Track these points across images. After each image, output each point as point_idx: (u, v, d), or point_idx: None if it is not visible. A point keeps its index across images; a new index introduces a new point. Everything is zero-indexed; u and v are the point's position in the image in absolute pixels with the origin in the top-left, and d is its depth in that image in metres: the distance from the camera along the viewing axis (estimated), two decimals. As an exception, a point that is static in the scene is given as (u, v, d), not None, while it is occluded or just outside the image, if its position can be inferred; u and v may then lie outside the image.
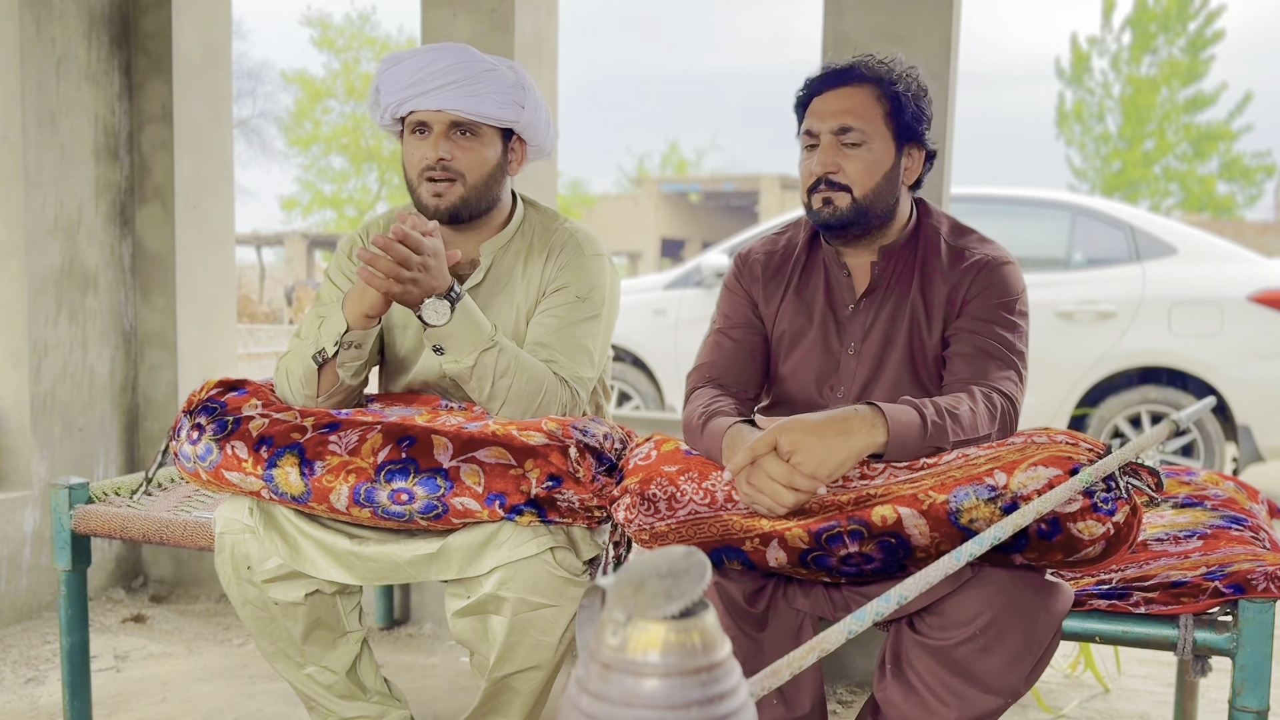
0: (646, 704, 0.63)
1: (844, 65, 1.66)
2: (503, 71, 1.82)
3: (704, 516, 1.49)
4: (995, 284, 1.63)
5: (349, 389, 1.82)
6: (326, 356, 1.75)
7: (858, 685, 2.48)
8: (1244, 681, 1.47)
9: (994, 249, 1.68)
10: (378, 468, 1.61)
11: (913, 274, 1.67)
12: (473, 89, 1.77)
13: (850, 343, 1.69)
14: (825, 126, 1.63)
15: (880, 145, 1.63)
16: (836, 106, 1.63)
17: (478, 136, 1.81)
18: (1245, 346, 4.58)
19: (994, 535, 1.17)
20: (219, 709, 2.34)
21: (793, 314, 1.73)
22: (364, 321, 1.74)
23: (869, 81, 1.63)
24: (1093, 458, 1.37)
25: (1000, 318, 1.62)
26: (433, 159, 1.79)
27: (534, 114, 1.85)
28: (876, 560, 1.41)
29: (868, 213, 1.63)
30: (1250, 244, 11.66)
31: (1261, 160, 19.97)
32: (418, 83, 1.77)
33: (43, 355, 2.89)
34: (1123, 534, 1.37)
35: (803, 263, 1.75)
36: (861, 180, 1.62)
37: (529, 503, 1.60)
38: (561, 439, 1.65)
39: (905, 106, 1.63)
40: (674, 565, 0.66)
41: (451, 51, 1.80)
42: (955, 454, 1.44)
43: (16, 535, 2.84)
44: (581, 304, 1.87)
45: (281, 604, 1.75)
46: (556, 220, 1.96)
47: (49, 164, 2.88)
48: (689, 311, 5.51)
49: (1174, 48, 19.59)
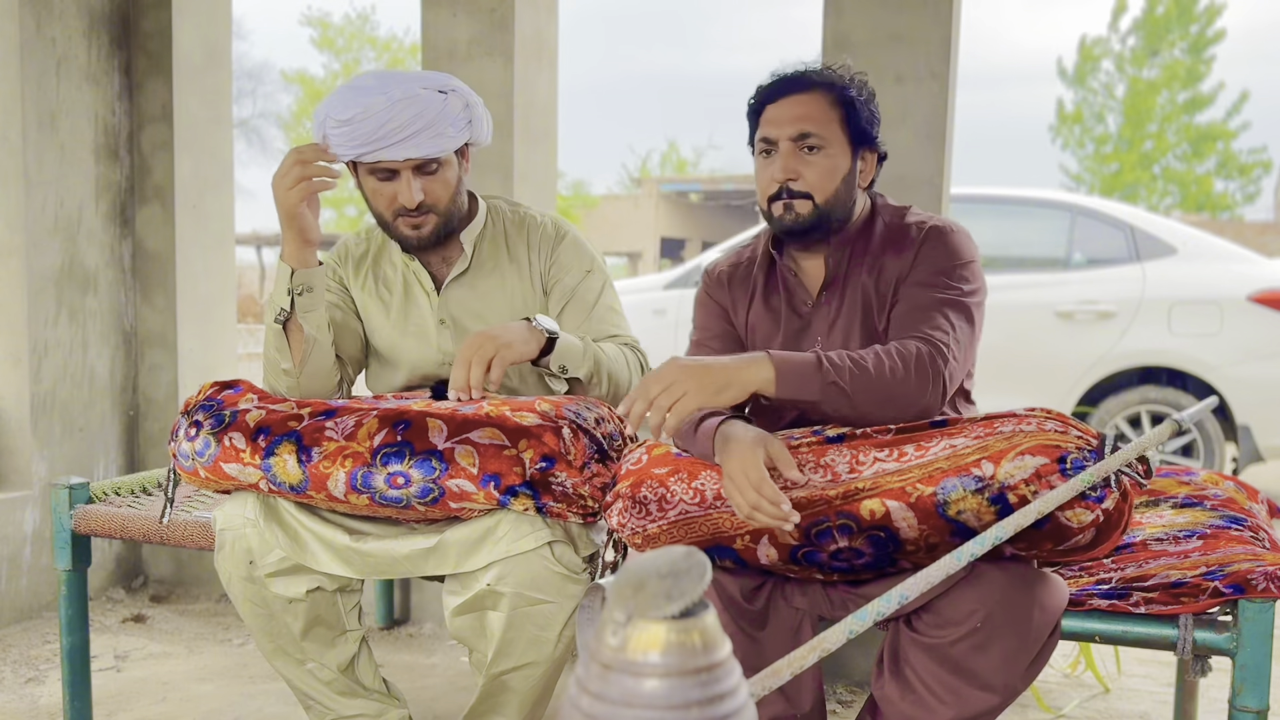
0: (647, 704, 0.63)
1: (797, 73, 1.67)
2: (451, 100, 1.83)
3: (694, 516, 1.50)
4: (939, 249, 1.64)
5: (323, 350, 1.88)
6: (287, 312, 1.83)
7: (857, 685, 2.48)
8: (1244, 681, 1.47)
9: (940, 220, 1.69)
10: (374, 451, 1.62)
11: (863, 262, 1.69)
12: (434, 131, 1.80)
13: (816, 337, 1.70)
14: (784, 133, 1.64)
15: (838, 150, 1.64)
16: (794, 113, 1.64)
17: (442, 164, 1.86)
18: (1245, 346, 4.58)
19: (995, 535, 1.17)
20: (219, 709, 2.34)
21: (760, 320, 1.76)
22: (303, 253, 1.82)
23: (822, 88, 1.64)
24: (1081, 444, 1.37)
25: (941, 281, 1.61)
26: (411, 203, 1.84)
27: (480, 123, 1.91)
28: (867, 555, 1.42)
29: (828, 217, 1.65)
30: (1250, 244, 11.64)
31: (1258, 156, 19.99)
32: (381, 138, 1.77)
33: (43, 355, 2.89)
34: (1113, 520, 1.38)
35: (765, 270, 1.77)
36: (822, 186, 1.63)
37: (524, 484, 1.60)
38: (555, 420, 1.65)
39: (860, 111, 1.64)
40: (674, 565, 0.67)
41: (408, 102, 1.77)
42: (942, 444, 1.44)
43: (16, 535, 2.84)
44: (591, 276, 1.99)
45: (282, 600, 1.76)
46: (520, 207, 2.06)
47: (49, 164, 2.88)
48: (689, 311, 5.50)
49: (1176, 50, 19.62)
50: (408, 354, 1.99)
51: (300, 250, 1.83)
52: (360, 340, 2.03)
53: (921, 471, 1.40)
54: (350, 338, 2.00)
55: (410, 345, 1.98)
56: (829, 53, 2.48)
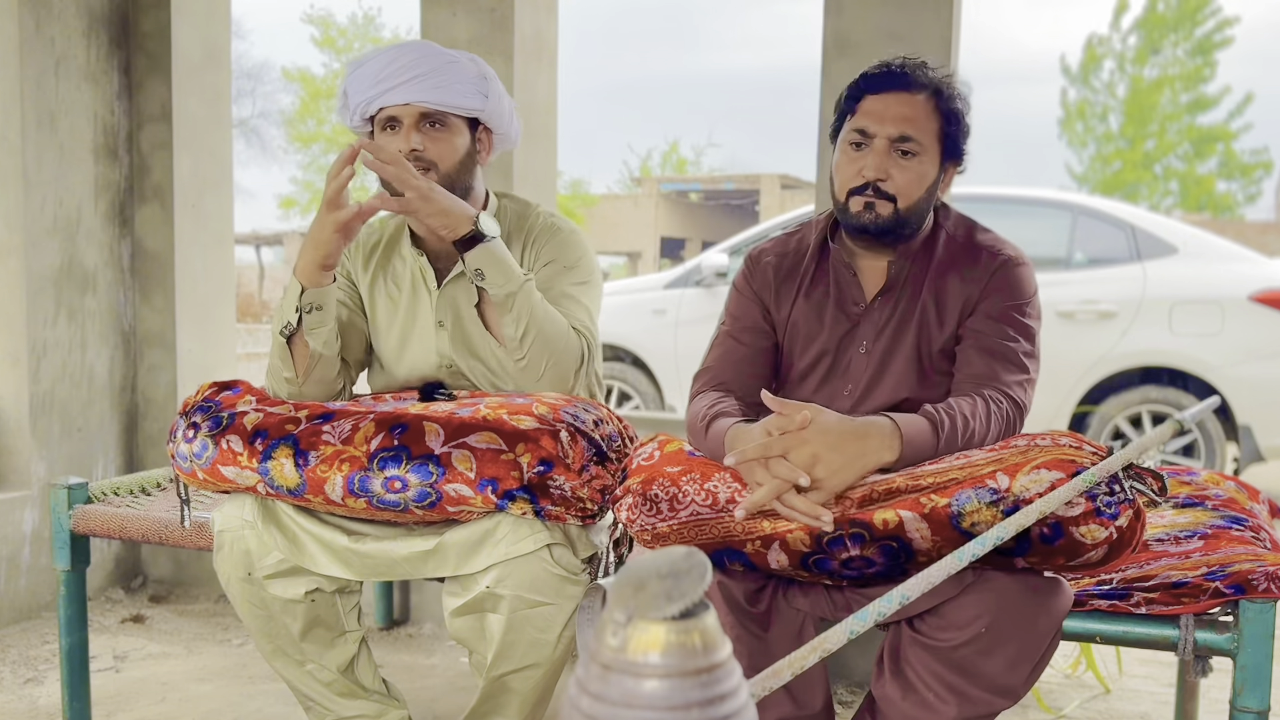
0: (647, 705, 0.63)
1: (908, 68, 1.62)
2: (464, 63, 1.85)
3: (706, 518, 1.49)
4: (1011, 284, 1.63)
5: (327, 363, 1.83)
6: (293, 327, 1.77)
7: (858, 685, 2.47)
8: (1244, 682, 1.47)
9: (1011, 249, 1.68)
10: (370, 455, 1.61)
11: (926, 274, 1.67)
12: (438, 80, 1.80)
13: (862, 341, 1.68)
14: (884, 130, 1.59)
15: (929, 159, 1.61)
16: (899, 113, 1.59)
17: (447, 127, 1.83)
18: (1246, 346, 4.58)
19: (997, 535, 1.17)
20: (218, 709, 2.34)
21: (805, 316, 1.72)
22: (318, 275, 1.75)
23: (928, 91, 1.61)
24: (1096, 461, 1.37)
25: (1013, 319, 1.62)
26: (406, 150, 1.80)
27: (497, 103, 1.89)
28: (878, 564, 1.41)
29: (907, 223, 1.62)
30: (1251, 243, 11.62)
31: (1259, 157, 20.00)
32: (384, 79, 1.79)
33: (42, 355, 2.89)
34: (1125, 538, 1.37)
35: (814, 265, 1.74)
36: (908, 192, 1.60)
37: (522, 488, 1.59)
38: (552, 423, 1.64)
39: (959, 124, 1.62)
40: (674, 566, 0.66)
41: (414, 47, 1.83)
42: (957, 456, 1.44)
43: (16, 535, 2.84)
44: (570, 271, 1.92)
45: (281, 601, 1.75)
46: (530, 207, 2.00)
47: (48, 164, 2.88)
48: (689, 311, 5.51)
49: (1179, 50, 19.63)
50: (410, 354, 1.95)
51: (315, 271, 1.75)
52: (365, 339, 1.99)
53: (935, 480, 1.39)
54: (355, 337, 1.96)
55: (413, 346, 1.95)
56: (829, 52, 2.48)
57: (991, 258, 1.65)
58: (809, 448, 1.40)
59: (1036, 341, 1.63)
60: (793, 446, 1.40)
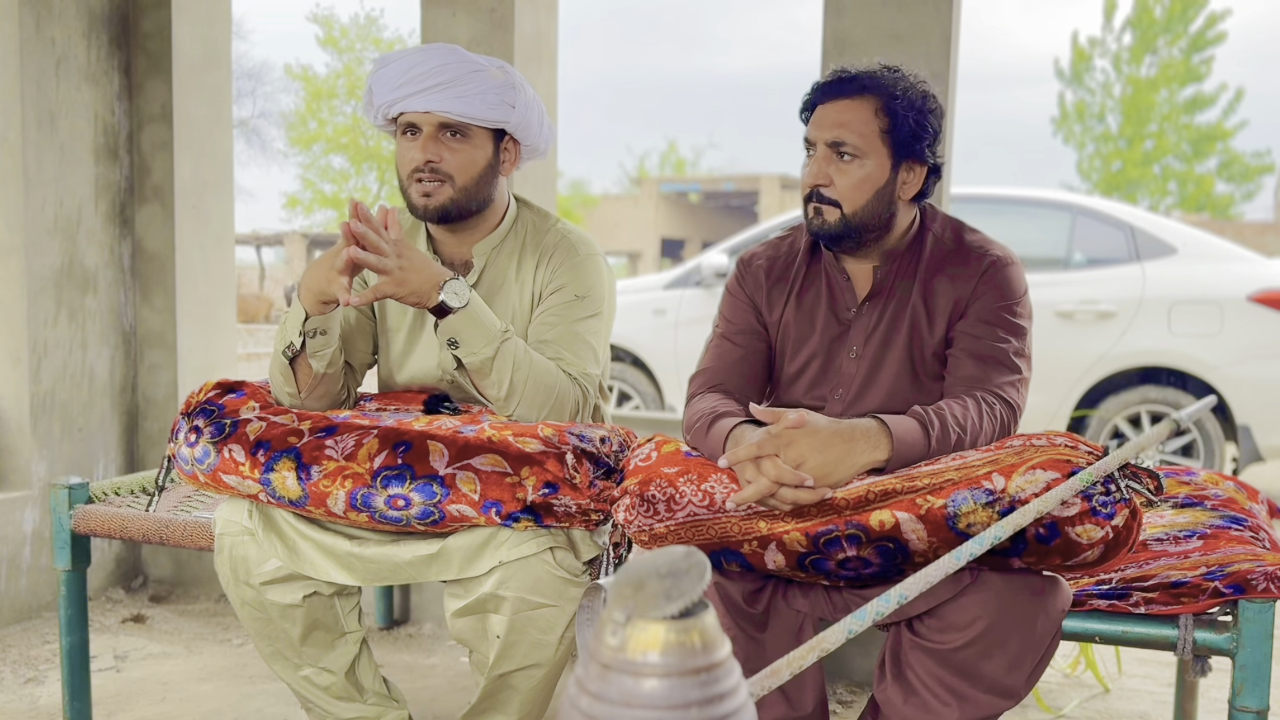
0: (646, 704, 0.63)
1: (849, 75, 1.64)
2: (491, 72, 1.80)
3: (703, 519, 1.49)
4: (1000, 284, 1.63)
5: (331, 379, 1.80)
6: (295, 350, 1.74)
7: (858, 685, 2.48)
8: (1244, 681, 1.47)
9: (1000, 249, 1.68)
10: (374, 473, 1.61)
11: (914, 277, 1.67)
12: (460, 90, 1.76)
13: (853, 346, 1.69)
14: (822, 137, 1.63)
15: (875, 161, 1.61)
16: (835, 118, 1.62)
17: (467, 138, 1.80)
18: (1245, 346, 4.58)
19: (994, 535, 1.17)
20: (219, 709, 2.34)
21: (796, 319, 1.73)
22: (320, 307, 1.70)
23: (871, 94, 1.61)
24: (1092, 460, 1.37)
25: (1004, 319, 1.62)
26: (421, 161, 1.78)
27: (525, 114, 1.83)
28: (875, 565, 1.41)
29: (857, 229, 1.63)
30: (1250, 244, 11.63)
31: (1261, 160, 20.01)
32: (406, 84, 1.76)
33: (42, 355, 2.89)
34: (1121, 537, 1.37)
35: (805, 268, 1.74)
36: (851, 196, 1.61)
37: (525, 510, 1.60)
38: (558, 445, 1.64)
39: (903, 123, 1.60)
40: (674, 565, 0.66)
41: (439, 52, 1.79)
42: (953, 456, 1.44)
43: (16, 535, 2.84)
44: (581, 302, 1.86)
45: (279, 607, 1.75)
46: (549, 221, 1.95)
47: (49, 164, 2.88)
48: (689, 311, 5.51)
49: (1174, 49, 19.62)
50: (416, 362, 1.93)
51: (318, 304, 1.70)
52: (372, 342, 1.96)
53: (931, 481, 1.40)
54: (362, 340, 1.94)
55: (418, 352, 1.93)
56: (829, 52, 2.48)
57: (980, 258, 1.65)
58: (796, 448, 1.41)
59: (1027, 340, 1.63)
60: (783, 447, 1.42)
